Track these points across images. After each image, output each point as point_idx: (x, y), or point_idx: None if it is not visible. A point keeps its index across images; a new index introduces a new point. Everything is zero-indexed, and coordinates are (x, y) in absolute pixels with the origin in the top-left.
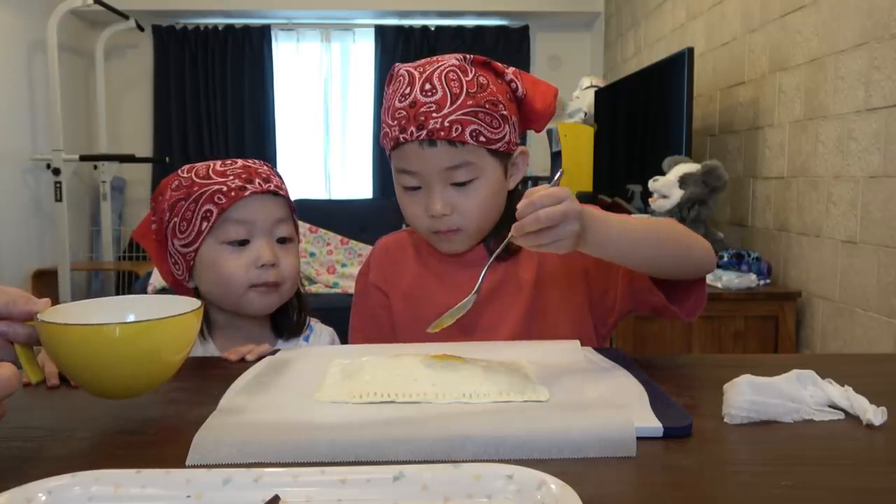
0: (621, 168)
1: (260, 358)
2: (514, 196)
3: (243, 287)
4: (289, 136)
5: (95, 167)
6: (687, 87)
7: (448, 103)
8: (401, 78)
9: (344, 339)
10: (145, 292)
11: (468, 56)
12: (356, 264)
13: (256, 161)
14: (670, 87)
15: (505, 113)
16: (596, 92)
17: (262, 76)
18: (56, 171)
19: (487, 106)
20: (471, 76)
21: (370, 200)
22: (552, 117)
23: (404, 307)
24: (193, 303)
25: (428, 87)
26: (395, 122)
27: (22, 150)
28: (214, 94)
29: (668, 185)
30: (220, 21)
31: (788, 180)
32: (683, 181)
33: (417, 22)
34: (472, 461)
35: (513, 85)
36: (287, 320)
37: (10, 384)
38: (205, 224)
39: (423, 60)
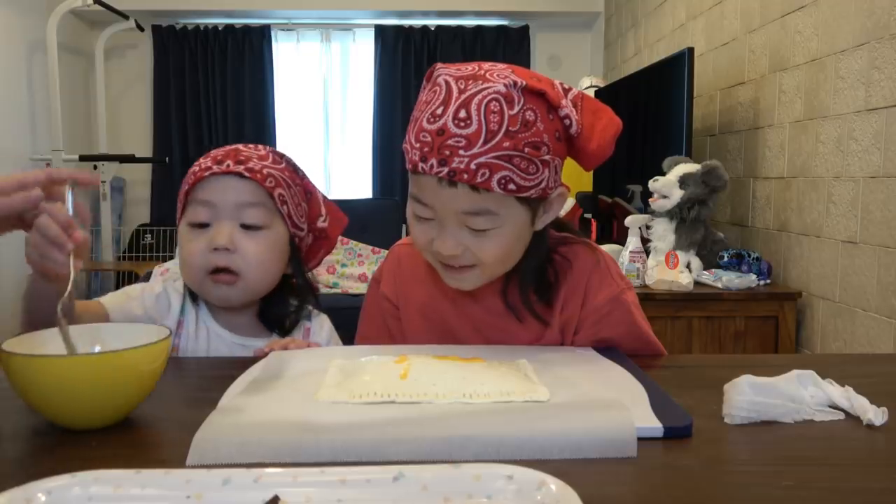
0: (622, 168)
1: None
2: (541, 236)
3: (200, 272)
4: (289, 136)
5: (95, 167)
6: (687, 87)
7: (480, 141)
8: (437, 88)
9: (347, 341)
10: None
11: (520, 82)
12: (356, 264)
13: (252, 145)
14: (670, 87)
15: (547, 158)
16: (596, 92)
17: (262, 76)
18: None
19: (527, 150)
20: (516, 109)
21: (370, 200)
22: (607, 158)
23: (416, 325)
24: (161, 331)
25: (463, 114)
26: (419, 145)
27: (22, 150)
28: (214, 94)
29: (668, 185)
30: (220, 21)
31: (788, 180)
32: (683, 181)
33: (417, 22)
34: (472, 461)
35: (566, 122)
36: (272, 314)
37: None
38: (180, 205)
39: (469, 69)
